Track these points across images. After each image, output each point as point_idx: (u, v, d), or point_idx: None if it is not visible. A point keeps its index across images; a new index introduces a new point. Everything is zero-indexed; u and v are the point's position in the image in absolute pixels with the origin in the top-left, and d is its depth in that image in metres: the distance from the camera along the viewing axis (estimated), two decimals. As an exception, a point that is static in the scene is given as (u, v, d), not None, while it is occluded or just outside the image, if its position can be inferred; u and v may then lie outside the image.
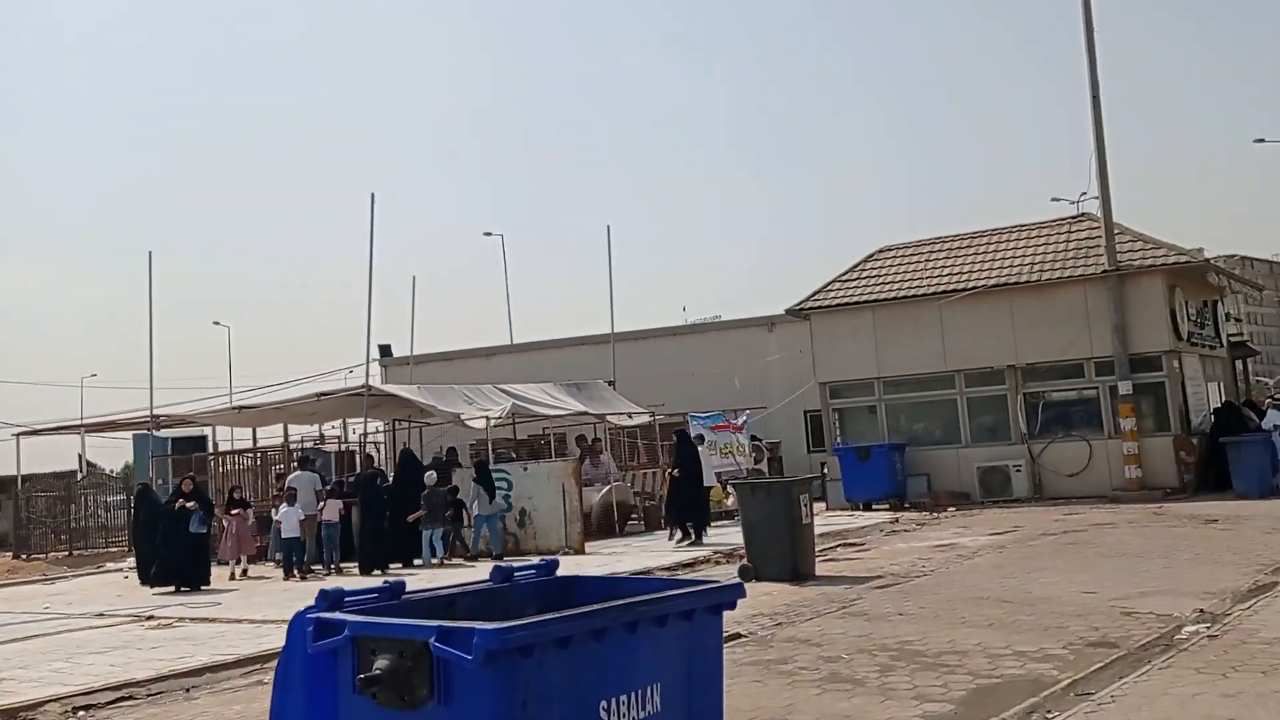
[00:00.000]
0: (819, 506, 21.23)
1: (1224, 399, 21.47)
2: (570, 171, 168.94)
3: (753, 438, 24.07)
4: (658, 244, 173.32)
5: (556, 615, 3.64)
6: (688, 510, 15.92)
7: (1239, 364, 25.20)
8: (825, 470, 21.83)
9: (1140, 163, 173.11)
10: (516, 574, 4.68)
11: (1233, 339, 24.16)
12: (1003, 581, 10.43)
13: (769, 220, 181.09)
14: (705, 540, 15.59)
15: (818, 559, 12.68)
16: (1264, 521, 13.76)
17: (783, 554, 11.55)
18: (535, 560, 4.92)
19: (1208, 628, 7.66)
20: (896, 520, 17.82)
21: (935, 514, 18.52)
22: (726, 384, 25.40)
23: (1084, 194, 20.39)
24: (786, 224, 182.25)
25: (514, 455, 21.54)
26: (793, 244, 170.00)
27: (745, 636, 8.59)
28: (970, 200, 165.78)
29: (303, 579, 15.66)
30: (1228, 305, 25.16)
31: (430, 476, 16.21)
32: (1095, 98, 19.74)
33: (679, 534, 15.89)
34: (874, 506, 20.17)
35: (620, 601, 3.87)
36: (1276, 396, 21.46)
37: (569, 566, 13.94)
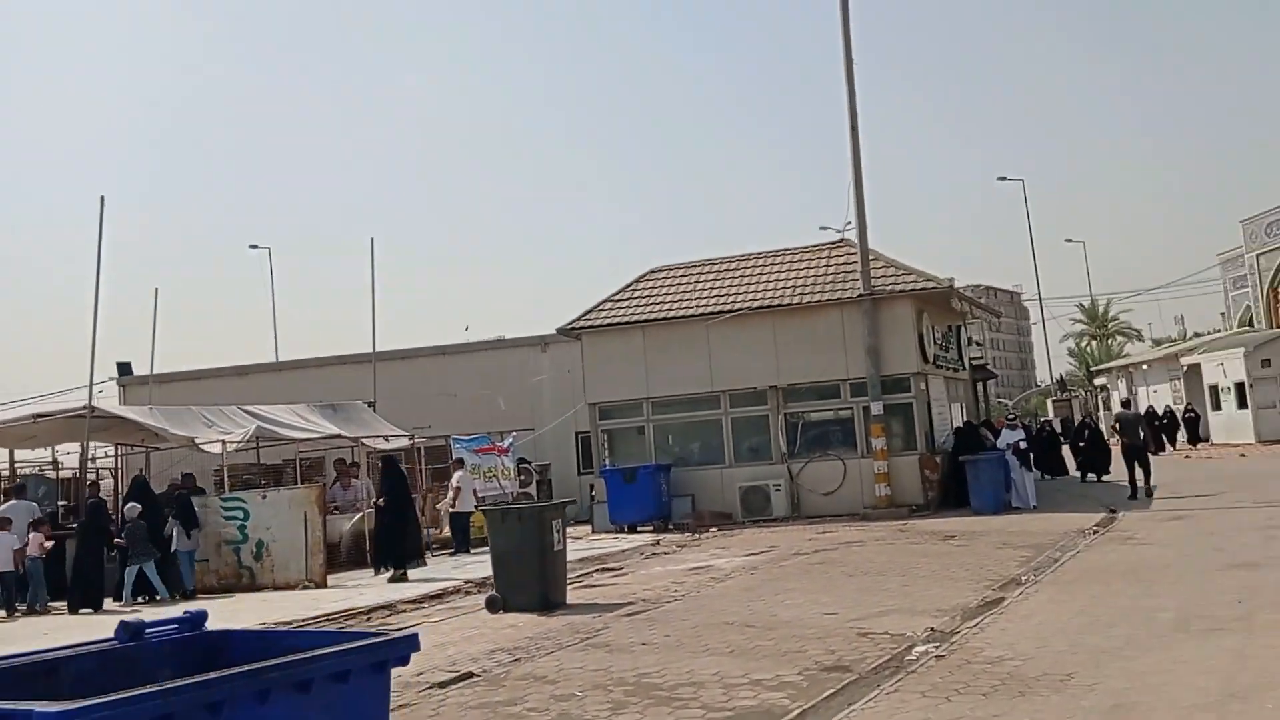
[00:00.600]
0: (585, 530, 20.98)
1: (965, 419, 22.68)
2: (348, 186, 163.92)
3: (521, 460, 23.54)
4: (444, 261, 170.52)
5: (151, 690, 2.94)
6: (393, 542, 15.05)
7: (980, 386, 26.82)
8: (593, 493, 21.53)
9: (900, 194, 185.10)
10: (149, 630, 3.91)
11: (974, 362, 25.67)
12: (750, 605, 10.30)
13: (555, 240, 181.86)
14: (414, 574, 14.85)
15: (572, 586, 12.25)
16: (995, 537, 14.40)
17: (533, 583, 11.03)
18: (179, 612, 4.16)
19: (936, 647, 7.69)
20: (658, 543, 17.67)
21: (698, 535, 18.52)
22: (494, 405, 24.74)
23: (849, 223, 21.08)
24: (572, 244, 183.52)
25: (260, 481, 20.09)
26: (578, 264, 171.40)
27: (478, 676, 8.00)
28: (757, 228, 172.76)
29: (10, 616, 14.15)
30: (970, 331, 26.79)
31: (132, 509, 14.79)
32: (854, 128, 20.46)
33: (391, 569, 14.94)
34: (639, 529, 20.01)
35: (247, 668, 3.21)
36: (1011, 417, 22.85)
37: (305, 603, 13.13)
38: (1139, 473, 18.54)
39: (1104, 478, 23.52)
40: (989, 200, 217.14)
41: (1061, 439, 28.06)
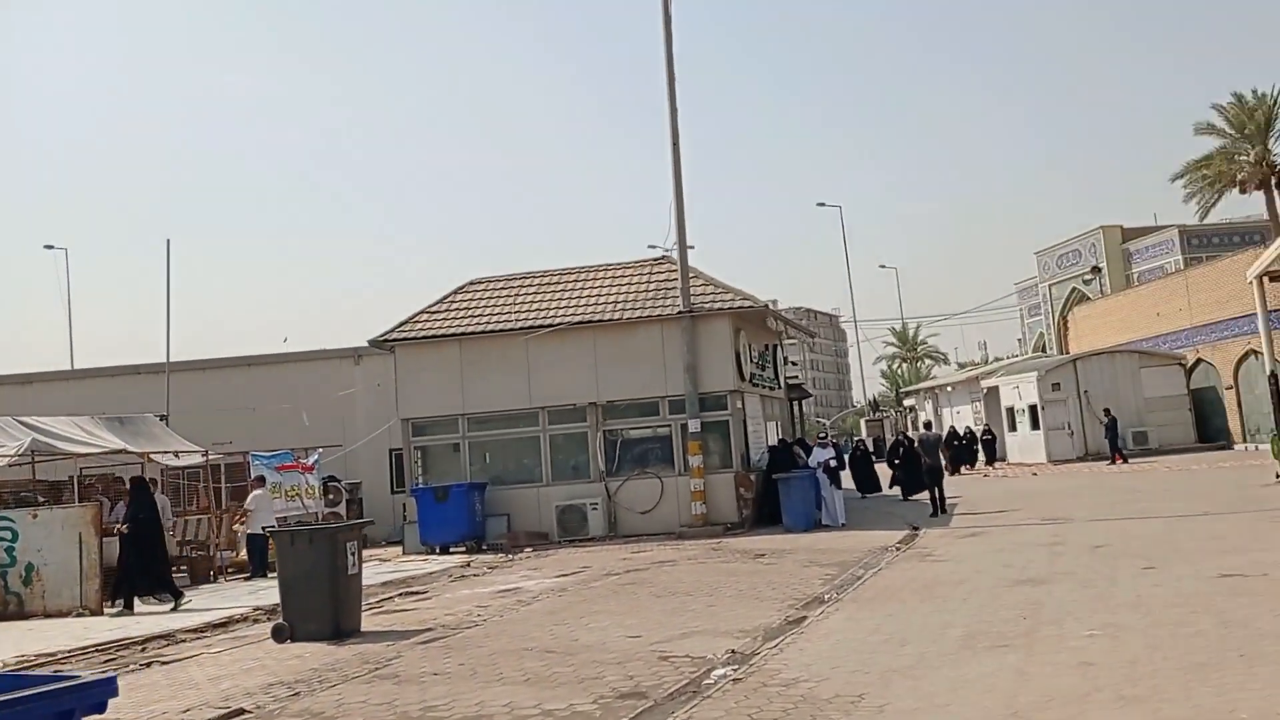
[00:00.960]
0: (395, 551, 20.20)
1: (780, 438, 23.08)
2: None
3: (329, 479, 22.52)
4: (263, 270, 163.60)
5: None
6: (130, 574, 13.76)
7: (795, 405, 27.43)
8: (405, 512, 20.76)
9: (730, 216, 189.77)
10: None
11: (790, 381, 26.24)
12: (553, 629, 9.96)
13: (378, 250, 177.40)
14: (201, 600, 13.80)
15: (370, 612, 11.63)
16: (803, 555, 14.57)
17: (324, 609, 10.37)
18: None
19: (735, 670, 7.55)
20: (469, 564, 17.14)
21: (511, 556, 18.07)
22: (299, 421, 23.60)
23: (673, 246, 21.11)
24: (396, 256, 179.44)
25: (39, 500, 18.42)
26: (400, 275, 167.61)
27: (250, 713, 7.36)
28: (591, 244, 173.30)
29: None
30: (788, 350, 27.38)
31: None
32: (675, 144, 20.52)
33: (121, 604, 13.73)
34: (452, 550, 19.39)
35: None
36: (823, 436, 23.40)
37: (76, 631, 11.98)
38: (937, 491, 19.29)
39: (915, 496, 24.24)
40: (812, 225, 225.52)
41: (874, 456, 28.99)
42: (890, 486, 25.28)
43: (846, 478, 23.02)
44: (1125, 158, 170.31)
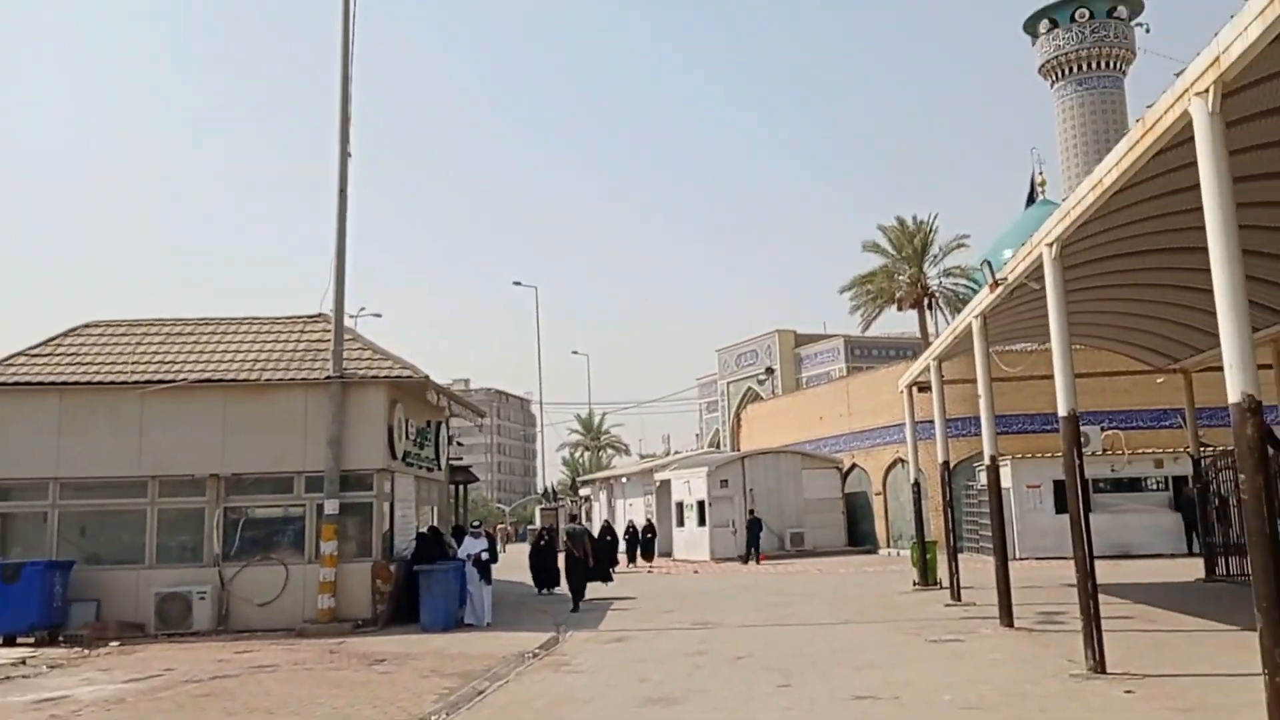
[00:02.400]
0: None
1: (431, 525, 21.24)
2: None
3: None
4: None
5: None
6: None
7: (459, 488, 25.75)
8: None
9: (422, 290, 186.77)
10: None
11: (454, 463, 24.58)
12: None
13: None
14: None
15: None
16: (430, 661, 12.84)
17: None
18: None
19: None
20: (25, 661, 13.98)
21: (90, 651, 15.04)
22: None
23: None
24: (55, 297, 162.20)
25: None
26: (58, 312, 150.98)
27: None
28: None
29: None
30: (464, 431, 25.76)
31: None
32: (343, 191, 18.65)
33: None
34: (19, 640, 15.98)
35: None
36: (476, 525, 21.85)
37: None
38: (582, 585, 18.52)
39: (553, 590, 22.98)
40: (517, 306, 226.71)
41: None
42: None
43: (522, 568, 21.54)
44: (807, 268, 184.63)
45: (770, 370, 52.32)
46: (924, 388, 20.23)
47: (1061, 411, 9.26)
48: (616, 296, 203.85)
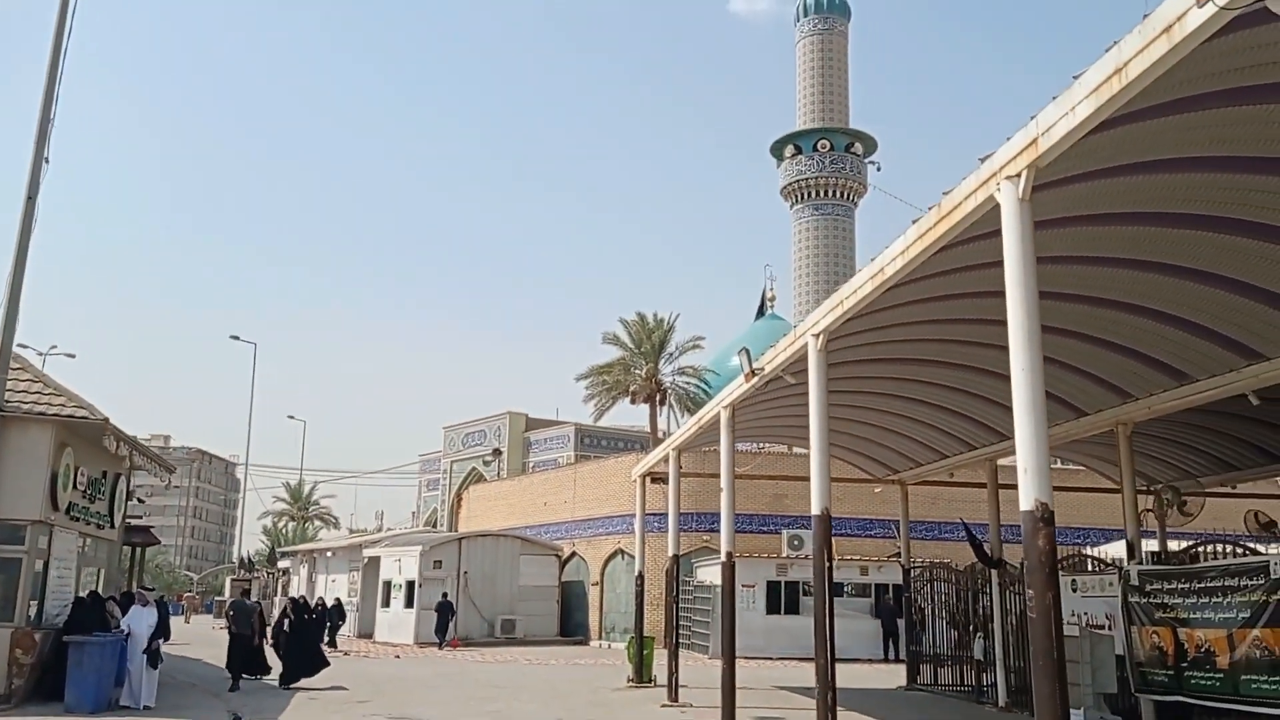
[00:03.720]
0: None
1: (95, 589, 18.34)
2: None
3: None
4: None
5: None
6: None
7: (137, 550, 22.70)
8: None
9: (139, 334, 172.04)
10: None
11: (132, 521, 21.62)
12: None
13: None
14: None
15: None
16: (62, 755, 10.59)
17: None
18: None
19: None
20: None
21: None
22: None
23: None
24: None
25: None
26: None
27: None
28: None
29: None
30: (145, 486, 22.77)
31: None
32: (31, 198, 16.13)
33: None
34: None
35: None
36: (149, 589, 19.12)
37: None
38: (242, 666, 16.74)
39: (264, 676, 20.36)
40: (225, 361, 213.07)
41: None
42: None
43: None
44: (543, 353, 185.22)
45: (498, 451, 51.09)
46: (658, 478, 19.84)
47: (815, 510, 8.82)
48: (342, 364, 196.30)
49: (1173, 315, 10.11)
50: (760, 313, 65.45)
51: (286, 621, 19.69)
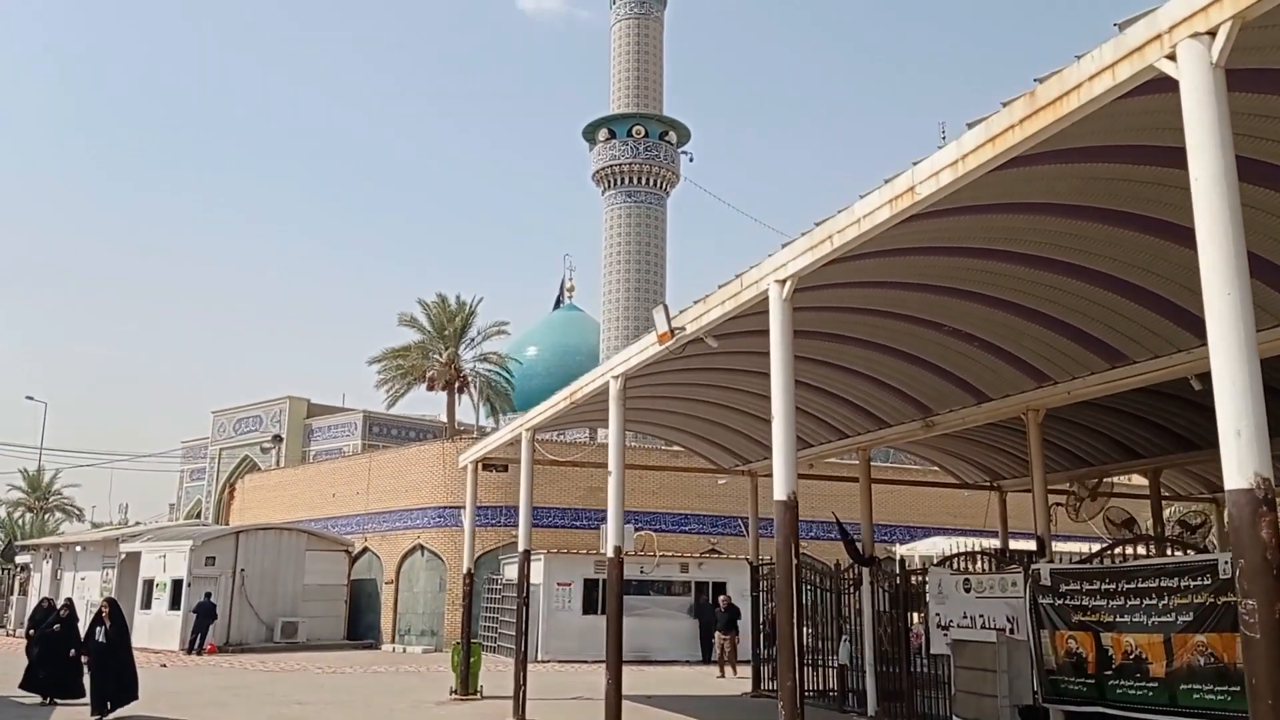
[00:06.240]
0: None
1: None
2: None
3: None
4: None
5: None
6: None
7: None
8: None
9: None
10: None
11: None
12: None
13: None
14: None
15: None
16: None
17: None
18: None
19: None
20: None
21: None
22: None
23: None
24: None
25: None
26: None
27: None
28: None
29: None
30: None
31: None
32: None
33: None
34: None
35: None
36: None
37: None
38: None
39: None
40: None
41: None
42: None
43: None
44: (329, 337, 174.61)
45: (279, 438, 46.92)
46: (493, 465, 17.78)
47: (779, 495, 7.17)
48: (101, 349, 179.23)
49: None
50: (558, 303, 63.84)
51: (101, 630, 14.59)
